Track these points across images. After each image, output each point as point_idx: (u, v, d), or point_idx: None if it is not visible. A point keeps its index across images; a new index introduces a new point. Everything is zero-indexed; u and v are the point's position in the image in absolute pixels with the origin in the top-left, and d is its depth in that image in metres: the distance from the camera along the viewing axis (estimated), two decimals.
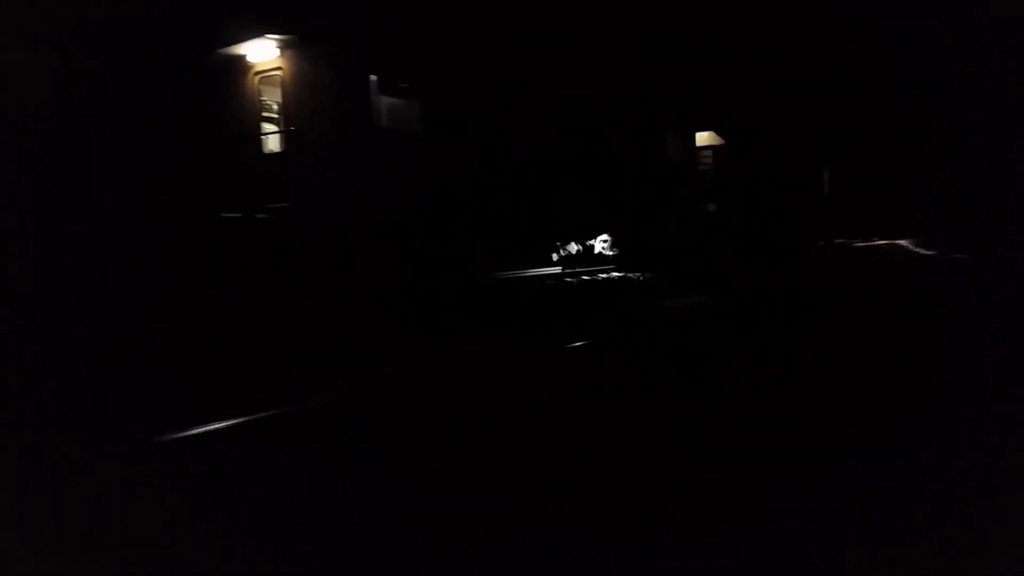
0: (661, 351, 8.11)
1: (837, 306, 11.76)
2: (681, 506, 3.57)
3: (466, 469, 4.19)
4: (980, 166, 31.94)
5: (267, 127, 10.62)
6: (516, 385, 6.47)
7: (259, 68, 10.27)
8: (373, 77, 10.00)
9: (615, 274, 15.72)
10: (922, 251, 25.75)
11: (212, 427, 5.02)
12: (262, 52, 10.05)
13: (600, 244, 16.24)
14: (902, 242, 30.86)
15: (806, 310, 11.42)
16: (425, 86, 10.75)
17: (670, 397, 5.83)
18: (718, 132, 18.98)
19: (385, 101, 10.31)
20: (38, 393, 5.81)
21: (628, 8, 14.84)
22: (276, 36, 9.74)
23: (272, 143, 10.50)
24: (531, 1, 13.47)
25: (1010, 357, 6.65)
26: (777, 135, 21.54)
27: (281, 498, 3.87)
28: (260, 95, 10.55)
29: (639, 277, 15.70)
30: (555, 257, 15.99)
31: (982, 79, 30.79)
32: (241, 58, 10.26)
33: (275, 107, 10.61)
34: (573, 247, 16.28)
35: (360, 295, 9.14)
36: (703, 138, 18.77)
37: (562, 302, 12.88)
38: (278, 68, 10.04)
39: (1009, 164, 30.20)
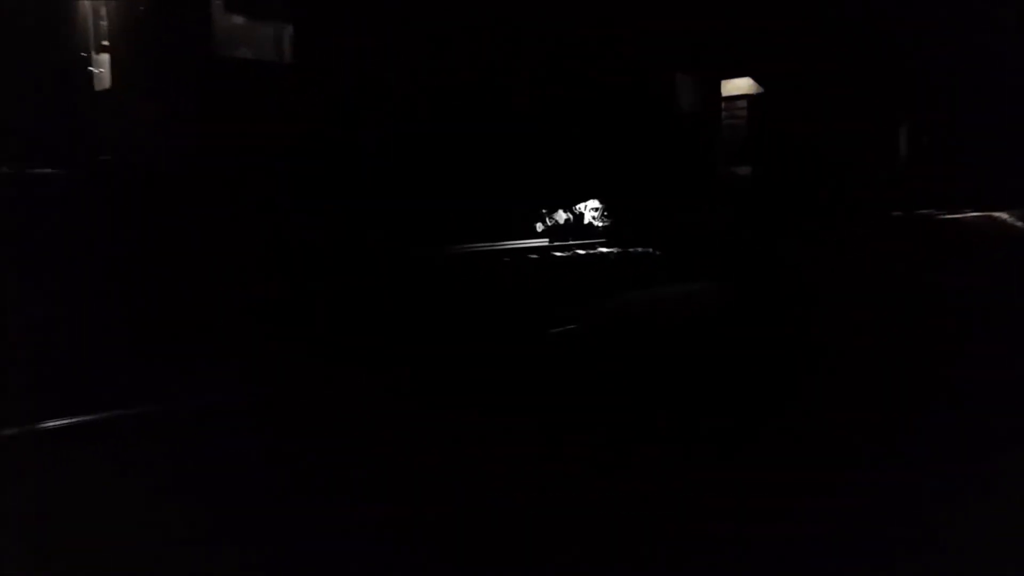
0: (661, 343, 7.22)
1: (915, 298, 9.79)
2: (680, 508, 3.45)
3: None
4: None
5: (104, 58, 8.42)
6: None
7: None
8: None
9: (607, 250, 13.01)
10: None
11: None
12: None
13: (590, 213, 13.42)
14: (1001, 215, 26.30)
15: (864, 300, 9.57)
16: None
17: (667, 394, 5.35)
18: (755, 78, 15.55)
19: (242, 23, 7.90)
20: None
21: None
22: None
23: (106, 79, 8.31)
24: None
25: None
26: (836, 83, 17.61)
27: None
28: (99, 19, 8.36)
29: (638, 254, 13.01)
30: (540, 228, 13.47)
31: None
32: None
33: None
34: (561, 216, 13.66)
35: (177, 286, 6.89)
36: (735, 86, 15.41)
37: (541, 282, 10.63)
38: None
39: None
